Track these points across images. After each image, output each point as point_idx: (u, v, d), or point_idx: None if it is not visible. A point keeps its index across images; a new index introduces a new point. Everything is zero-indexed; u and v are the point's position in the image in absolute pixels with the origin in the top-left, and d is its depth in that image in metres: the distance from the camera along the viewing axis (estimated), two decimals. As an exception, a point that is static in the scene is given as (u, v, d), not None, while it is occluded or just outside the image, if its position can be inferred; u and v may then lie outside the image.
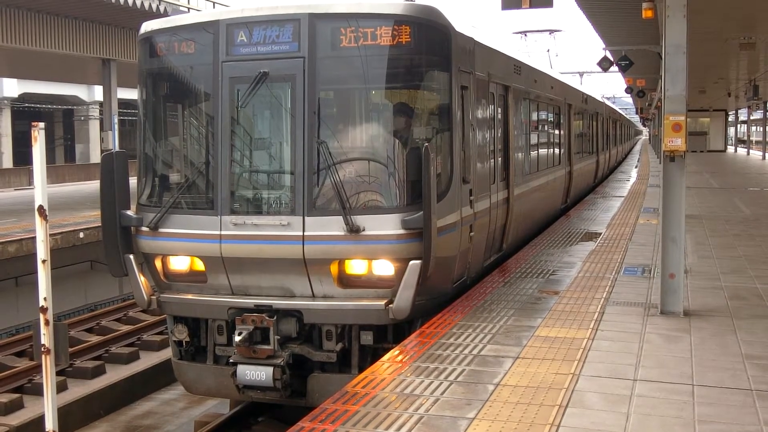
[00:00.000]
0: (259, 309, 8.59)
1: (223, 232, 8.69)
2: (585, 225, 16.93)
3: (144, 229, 9.03)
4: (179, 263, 9.16)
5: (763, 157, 50.92)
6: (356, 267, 8.63)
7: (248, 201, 8.84)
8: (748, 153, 58.85)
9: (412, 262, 8.23)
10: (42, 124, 8.24)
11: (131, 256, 9.03)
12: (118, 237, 8.97)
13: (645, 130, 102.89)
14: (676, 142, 8.85)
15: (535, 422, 5.79)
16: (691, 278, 10.89)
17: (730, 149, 66.77)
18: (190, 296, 9.03)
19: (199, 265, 9.00)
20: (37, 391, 11.12)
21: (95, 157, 46.80)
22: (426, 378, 6.80)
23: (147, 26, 9.43)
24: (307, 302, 8.59)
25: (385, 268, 8.54)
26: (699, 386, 6.59)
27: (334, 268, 8.55)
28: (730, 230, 16.14)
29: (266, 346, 8.45)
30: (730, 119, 67.32)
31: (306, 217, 8.45)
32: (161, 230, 8.95)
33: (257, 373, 8.43)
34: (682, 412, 6.01)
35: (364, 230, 8.30)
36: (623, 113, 59.94)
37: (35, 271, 8.44)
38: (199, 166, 9.15)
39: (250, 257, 8.64)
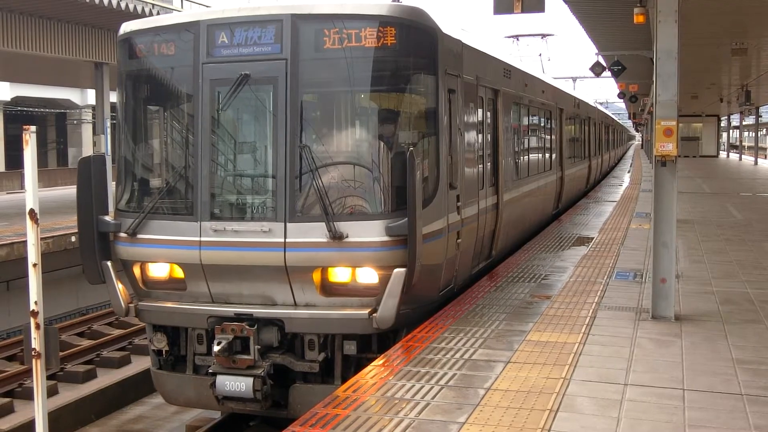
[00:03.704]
0: (239, 318, 8.37)
1: (202, 239, 8.48)
2: (577, 229, 16.95)
3: (122, 235, 8.81)
4: (158, 270, 8.93)
5: (755, 163, 51.10)
6: (339, 275, 8.40)
7: (228, 206, 8.65)
8: (740, 158, 59.02)
9: (396, 270, 8.02)
10: (33, 128, 8.21)
11: (109, 263, 8.81)
12: (96, 243, 8.75)
13: (638, 135, 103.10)
14: (668, 147, 8.87)
15: (526, 426, 5.79)
16: (683, 283, 10.92)
17: (723, 154, 66.95)
18: (169, 304, 8.80)
19: (179, 272, 8.79)
20: (28, 395, 11.07)
21: (88, 160, 46.51)
22: (417, 382, 6.79)
23: (126, 27, 9.21)
24: (289, 311, 8.38)
25: (368, 276, 8.31)
26: (690, 391, 6.60)
27: (316, 276, 8.34)
28: (722, 235, 16.18)
29: (246, 356, 8.22)
30: (722, 124, 67.51)
31: (288, 223, 8.25)
32: (140, 236, 8.73)
33: (237, 384, 8.21)
34: (672, 416, 6.02)
35: (347, 237, 8.08)
36: (616, 118, 60.09)
37: (26, 275, 8.44)
38: (179, 170, 8.95)
39: (230, 264, 8.44)
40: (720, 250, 14.18)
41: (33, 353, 8.52)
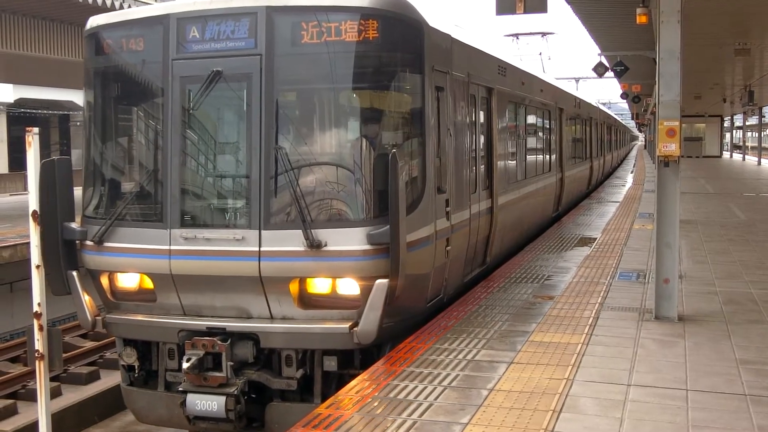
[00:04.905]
0: (211, 332, 7.84)
1: (172, 247, 7.96)
2: (580, 230, 16.94)
3: (88, 243, 8.31)
4: (127, 280, 8.42)
5: (759, 163, 51.05)
6: (318, 286, 7.87)
7: (200, 213, 8.13)
8: (744, 158, 58.98)
9: (378, 281, 7.46)
10: (36, 129, 8.23)
11: (74, 273, 8.32)
12: (61, 252, 8.24)
13: (641, 136, 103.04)
14: (671, 147, 8.87)
15: (529, 427, 5.79)
16: (686, 283, 10.91)
17: (726, 155, 66.89)
18: (139, 317, 8.30)
19: (149, 283, 8.27)
20: (31, 396, 11.09)
21: (91, 162, 46.56)
22: (420, 383, 6.79)
23: (93, 21, 8.65)
24: (265, 324, 7.85)
25: (349, 287, 7.77)
26: (693, 391, 6.59)
27: (293, 287, 7.79)
28: (725, 235, 16.17)
29: (218, 374, 7.68)
30: (725, 125, 67.50)
31: (262, 231, 7.73)
32: (107, 244, 8.21)
33: (208, 403, 7.68)
34: (676, 417, 6.01)
35: (326, 245, 7.56)
36: (619, 119, 60.05)
37: (30, 277, 8.43)
38: (147, 174, 8.41)
39: (201, 275, 7.92)
40: (723, 250, 14.17)
41: (36, 355, 8.54)
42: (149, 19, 8.31)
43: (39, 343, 8.47)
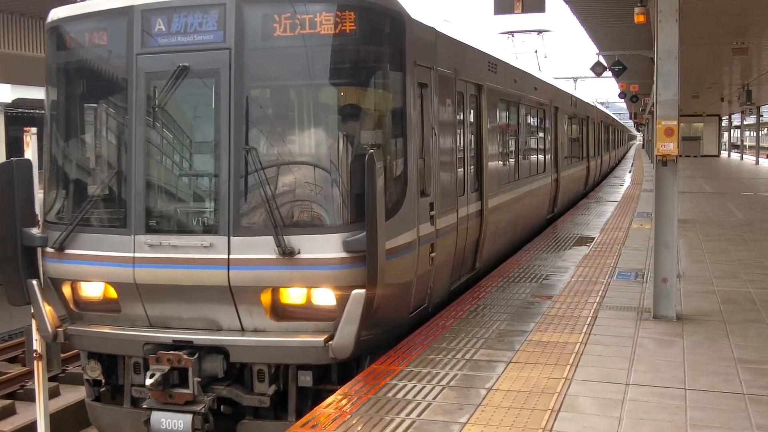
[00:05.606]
0: (178, 345, 7.36)
1: (136, 255, 7.50)
2: (578, 229, 16.95)
3: (49, 250, 7.85)
4: (90, 289, 7.94)
5: (757, 162, 51.12)
6: (291, 296, 7.41)
7: (166, 218, 7.65)
8: (742, 158, 59.03)
9: (354, 292, 6.94)
10: (34, 129, 8.24)
11: (34, 282, 7.86)
12: (20, 259, 7.79)
13: (639, 135, 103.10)
14: (669, 146, 8.87)
15: (528, 426, 5.79)
16: (684, 283, 10.91)
17: (724, 154, 66.96)
18: (104, 329, 7.83)
19: (113, 292, 7.80)
20: (30, 397, 11.10)
21: (89, 162, 46.54)
22: (418, 382, 6.79)
23: (54, 14, 8.16)
24: (234, 337, 7.39)
25: (325, 297, 7.32)
26: (691, 390, 6.59)
27: (265, 298, 7.34)
28: (723, 235, 16.18)
29: (185, 390, 7.17)
30: (723, 124, 67.59)
31: (231, 237, 7.27)
32: (68, 251, 7.75)
33: (174, 422, 7.18)
34: (674, 416, 6.02)
35: (299, 253, 7.11)
36: (617, 118, 60.03)
37: (27, 277, 8.39)
38: (111, 177, 7.88)
39: (167, 284, 7.45)
40: (722, 249, 14.18)
41: (35, 355, 8.55)
42: (112, 11, 7.83)
43: (37, 344, 8.47)
